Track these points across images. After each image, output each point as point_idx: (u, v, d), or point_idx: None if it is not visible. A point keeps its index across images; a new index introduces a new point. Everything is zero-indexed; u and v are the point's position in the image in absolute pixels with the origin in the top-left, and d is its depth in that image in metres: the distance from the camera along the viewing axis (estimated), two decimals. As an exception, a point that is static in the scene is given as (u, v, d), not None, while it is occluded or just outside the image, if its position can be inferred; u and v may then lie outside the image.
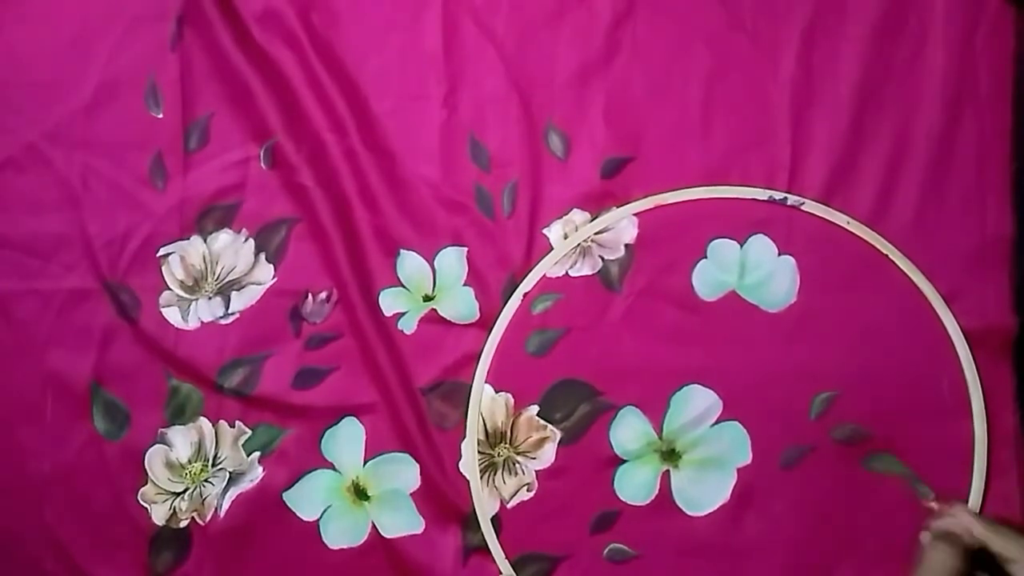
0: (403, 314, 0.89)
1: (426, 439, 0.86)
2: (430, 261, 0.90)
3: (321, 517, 0.86)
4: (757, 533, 0.83)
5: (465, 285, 0.89)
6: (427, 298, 0.89)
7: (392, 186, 0.91)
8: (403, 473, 0.86)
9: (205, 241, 0.91)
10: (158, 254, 0.90)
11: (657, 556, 0.84)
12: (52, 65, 0.94)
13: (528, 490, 0.85)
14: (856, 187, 0.88)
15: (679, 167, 0.89)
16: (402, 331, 0.88)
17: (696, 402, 0.85)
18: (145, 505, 0.87)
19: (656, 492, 0.85)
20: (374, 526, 0.86)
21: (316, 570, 0.85)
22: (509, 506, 0.85)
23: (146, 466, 0.87)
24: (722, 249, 0.88)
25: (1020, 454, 0.83)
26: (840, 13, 0.90)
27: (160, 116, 0.93)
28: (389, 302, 0.89)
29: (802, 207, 0.88)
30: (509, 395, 0.87)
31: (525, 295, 0.88)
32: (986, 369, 0.84)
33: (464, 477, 0.86)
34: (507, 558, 0.84)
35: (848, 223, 0.87)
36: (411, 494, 0.86)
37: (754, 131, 0.89)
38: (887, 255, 0.86)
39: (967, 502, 0.82)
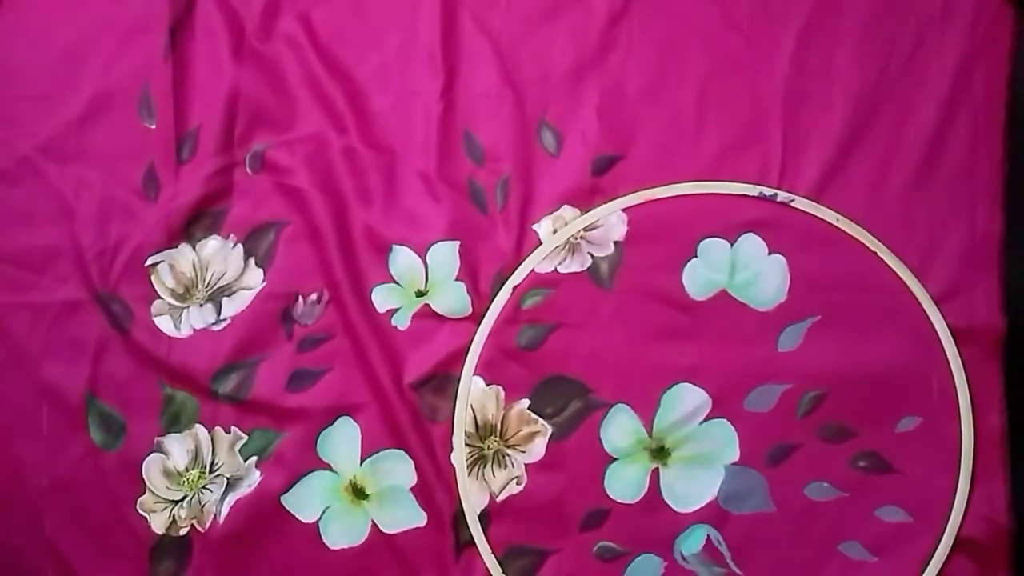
0: (396, 310, 0.89)
1: (419, 434, 0.86)
2: (422, 256, 0.90)
3: (320, 518, 0.86)
4: (744, 530, 0.84)
5: (457, 280, 0.89)
6: (420, 293, 0.90)
7: (389, 182, 0.92)
8: (400, 469, 0.86)
9: (194, 248, 0.91)
10: (146, 263, 0.91)
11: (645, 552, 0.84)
12: (45, 77, 0.94)
13: (517, 483, 0.85)
14: (847, 186, 0.88)
15: (670, 166, 0.90)
16: (395, 327, 0.89)
17: (686, 400, 0.86)
18: (144, 514, 0.87)
19: (645, 490, 0.85)
20: (374, 524, 0.86)
21: (318, 571, 0.85)
22: (498, 499, 0.85)
23: (144, 475, 0.87)
24: (713, 248, 0.88)
25: (1006, 454, 0.83)
26: (836, 14, 0.90)
27: (153, 127, 0.93)
28: (382, 299, 0.90)
29: (792, 203, 0.88)
30: (500, 388, 0.87)
31: (515, 289, 0.88)
32: (974, 369, 0.84)
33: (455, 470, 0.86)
34: (496, 552, 0.84)
35: (838, 220, 0.87)
36: (411, 489, 0.86)
37: (746, 131, 0.90)
38: (876, 252, 0.86)
39: (952, 501, 0.82)
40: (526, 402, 0.87)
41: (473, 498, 0.85)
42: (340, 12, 0.95)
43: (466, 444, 0.86)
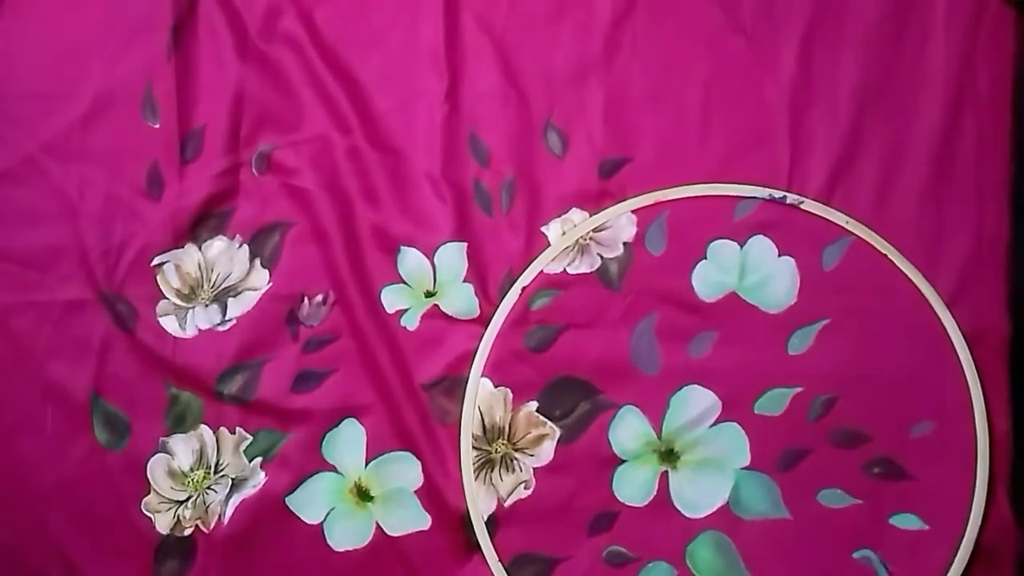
0: (405, 311, 0.89)
1: (428, 436, 0.86)
2: (430, 257, 0.90)
3: (325, 520, 0.86)
4: (756, 537, 0.83)
5: (465, 281, 0.89)
6: (429, 294, 0.89)
7: (395, 183, 0.91)
8: (406, 471, 0.86)
9: (200, 249, 0.91)
10: (152, 263, 0.90)
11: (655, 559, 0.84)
12: (49, 77, 0.94)
13: (525, 488, 0.85)
14: (855, 188, 0.88)
15: (677, 168, 0.90)
16: (405, 328, 0.88)
17: (695, 403, 0.85)
18: (149, 514, 0.87)
19: (655, 493, 0.84)
20: (378, 526, 0.85)
21: (321, 573, 0.85)
22: (506, 504, 0.85)
23: (148, 475, 0.87)
24: (722, 250, 0.88)
25: (1009, 459, 0.82)
26: (840, 15, 0.90)
27: (157, 126, 0.93)
28: (391, 299, 0.89)
29: (801, 206, 0.87)
30: (508, 390, 0.86)
31: (523, 290, 0.88)
32: (982, 372, 0.84)
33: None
34: (504, 559, 0.84)
35: (847, 223, 0.87)
36: (416, 491, 0.86)
37: (753, 133, 0.90)
38: (886, 255, 0.86)
39: (970, 508, 0.81)
40: (534, 404, 0.86)
41: (480, 503, 0.85)
42: (343, 12, 0.94)
43: (473, 447, 0.85)
